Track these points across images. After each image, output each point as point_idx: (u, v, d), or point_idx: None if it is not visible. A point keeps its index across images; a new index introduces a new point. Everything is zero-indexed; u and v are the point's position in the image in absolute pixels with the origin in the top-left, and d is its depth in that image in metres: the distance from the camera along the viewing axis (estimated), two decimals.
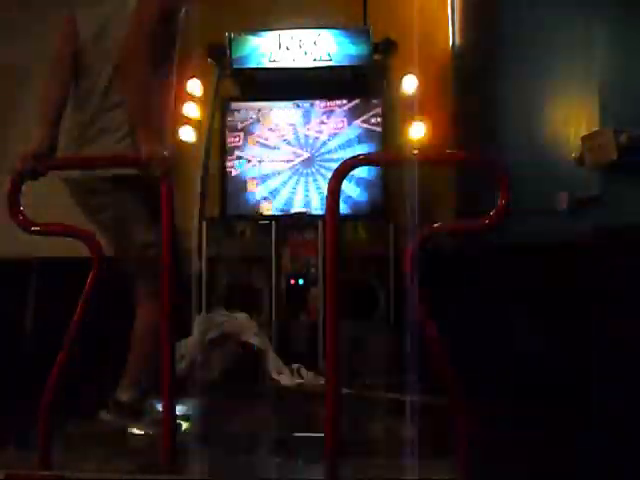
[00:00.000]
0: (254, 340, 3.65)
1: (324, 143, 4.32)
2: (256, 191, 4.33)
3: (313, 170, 4.32)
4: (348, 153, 4.20)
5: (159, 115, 2.24)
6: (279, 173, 4.33)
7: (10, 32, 4.31)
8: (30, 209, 2.03)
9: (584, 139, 1.97)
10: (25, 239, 2.16)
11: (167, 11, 2.24)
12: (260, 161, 4.34)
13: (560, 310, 2.34)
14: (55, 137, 2.18)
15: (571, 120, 2.31)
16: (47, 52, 2.33)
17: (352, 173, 1.94)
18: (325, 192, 1.87)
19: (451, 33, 4.68)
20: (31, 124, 2.27)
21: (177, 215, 2.13)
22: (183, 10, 2.31)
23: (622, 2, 1.95)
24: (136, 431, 2.30)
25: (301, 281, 4.02)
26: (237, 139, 4.36)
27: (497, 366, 2.93)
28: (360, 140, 4.30)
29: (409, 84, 4.31)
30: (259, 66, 4.19)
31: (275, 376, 3.58)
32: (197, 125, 4.42)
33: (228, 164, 4.34)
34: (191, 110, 4.53)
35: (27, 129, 2.30)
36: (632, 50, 1.86)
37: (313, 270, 3.99)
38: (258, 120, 4.36)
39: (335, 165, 1.86)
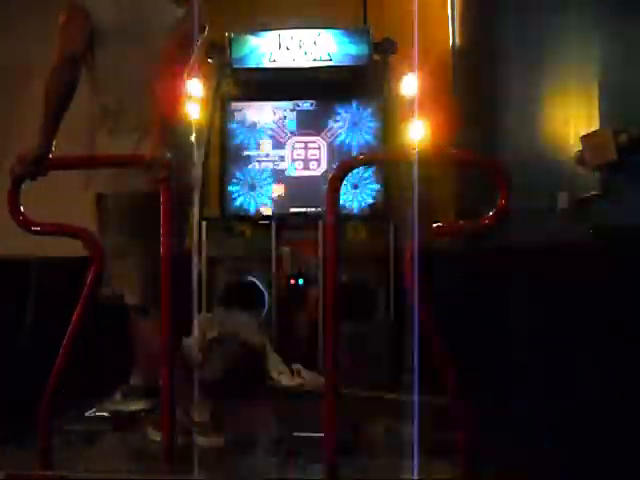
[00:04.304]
0: (254, 340, 3.65)
1: (324, 143, 4.31)
2: (256, 191, 4.33)
3: (313, 170, 4.32)
4: (348, 153, 4.21)
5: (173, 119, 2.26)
6: (279, 173, 4.33)
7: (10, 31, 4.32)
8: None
9: (584, 139, 1.96)
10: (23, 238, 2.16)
11: (205, 29, 2.34)
12: (260, 161, 4.34)
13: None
14: (53, 138, 2.16)
15: (571, 120, 2.31)
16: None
17: (352, 173, 1.94)
18: (325, 192, 1.87)
19: (451, 33, 4.68)
20: (31, 123, 2.26)
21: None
22: None
23: (622, 2, 1.95)
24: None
25: (301, 281, 4.02)
26: (237, 139, 4.36)
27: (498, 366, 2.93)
28: (360, 140, 4.30)
29: (409, 84, 4.31)
30: (259, 66, 4.19)
31: (275, 376, 3.58)
32: (197, 125, 4.41)
33: (228, 164, 4.34)
34: (191, 110, 4.53)
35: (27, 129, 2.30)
36: (632, 50, 1.86)
37: (313, 270, 3.99)
38: (258, 120, 4.35)
39: (335, 165, 1.86)
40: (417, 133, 4.41)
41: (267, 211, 4.27)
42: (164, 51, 2.20)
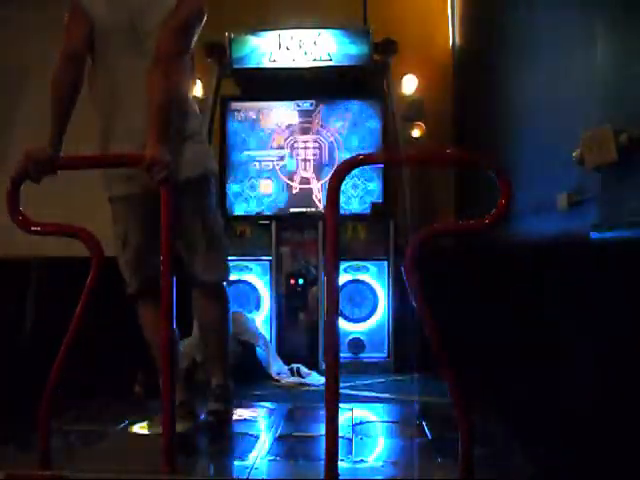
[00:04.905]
0: (254, 340, 3.65)
1: (324, 143, 4.31)
2: (256, 191, 4.33)
3: (313, 169, 4.32)
4: (348, 153, 4.21)
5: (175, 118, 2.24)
6: (279, 173, 4.33)
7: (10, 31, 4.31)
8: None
9: (584, 139, 1.96)
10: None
11: (203, 14, 2.28)
12: (260, 161, 4.34)
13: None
14: (62, 137, 2.17)
15: (571, 120, 2.30)
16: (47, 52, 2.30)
17: (352, 173, 1.94)
18: (325, 192, 1.87)
19: (451, 33, 4.68)
20: (32, 124, 2.26)
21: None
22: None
23: (622, 1, 1.94)
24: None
25: (301, 281, 4.02)
26: (237, 139, 4.36)
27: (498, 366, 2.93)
28: (360, 140, 4.30)
29: (409, 84, 4.32)
30: (259, 66, 4.19)
31: (275, 376, 3.58)
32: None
33: (228, 164, 4.34)
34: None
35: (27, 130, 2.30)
36: (633, 49, 1.86)
37: (313, 270, 3.99)
38: (258, 120, 4.36)
39: (335, 165, 1.86)
40: (417, 133, 4.43)
41: (267, 211, 4.26)
42: (158, 44, 2.17)
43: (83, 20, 2.22)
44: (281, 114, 4.35)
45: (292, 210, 4.29)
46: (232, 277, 4.02)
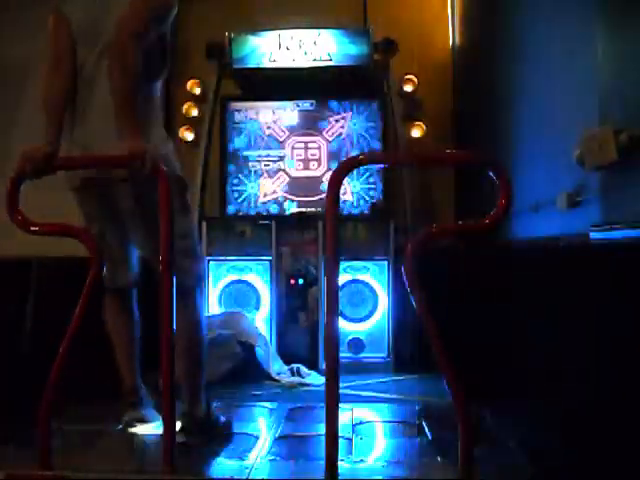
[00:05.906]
0: (254, 340, 3.65)
1: (324, 143, 4.31)
2: (256, 191, 4.33)
3: (313, 169, 4.32)
4: (348, 153, 4.21)
5: (146, 119, 2.23)
6: (279, 173, 4.33)
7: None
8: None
9: (584, 139, 1.96)
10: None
11: (157, 9, 2.23)
12: (260, 161, 4.34)
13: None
14: (59, 136, 2.17)
15: (571, 120, 2.30)
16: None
17: (352, 173, 1.94)
18: (325, 192, 1.87)
19: (451, 33, 4.68)
20: (32, 124, 2.27)
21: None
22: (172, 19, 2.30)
23: (623, 1, 1.95)
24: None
25: (301, 281, 4.02)
26: (237, 139, 4.36)
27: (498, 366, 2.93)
28: (360, 140, 4.30)
29: (409, 84, 4.32)
30: (259, 66, 4.19)
31: (275, 376, 3.58)
32: (197, 125, 4.43)
33: (228, 163, 4.34)
34: (191, 110, 4.55)
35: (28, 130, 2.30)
36: (632, 50, 1.86)
37: (313, 270, 3.99)
38: (258, 120, 4.36)
39: (335, 165, 1.86)
40: (417, 133, 4.43)
41: (267, 211, 4.27)
42: (114, 41, 2.14)
43: (64, 23, 2.27)
44: (281, 114, 4.35)
45: (292, 210, 4.29)
46: (231, 277, 4.10)
